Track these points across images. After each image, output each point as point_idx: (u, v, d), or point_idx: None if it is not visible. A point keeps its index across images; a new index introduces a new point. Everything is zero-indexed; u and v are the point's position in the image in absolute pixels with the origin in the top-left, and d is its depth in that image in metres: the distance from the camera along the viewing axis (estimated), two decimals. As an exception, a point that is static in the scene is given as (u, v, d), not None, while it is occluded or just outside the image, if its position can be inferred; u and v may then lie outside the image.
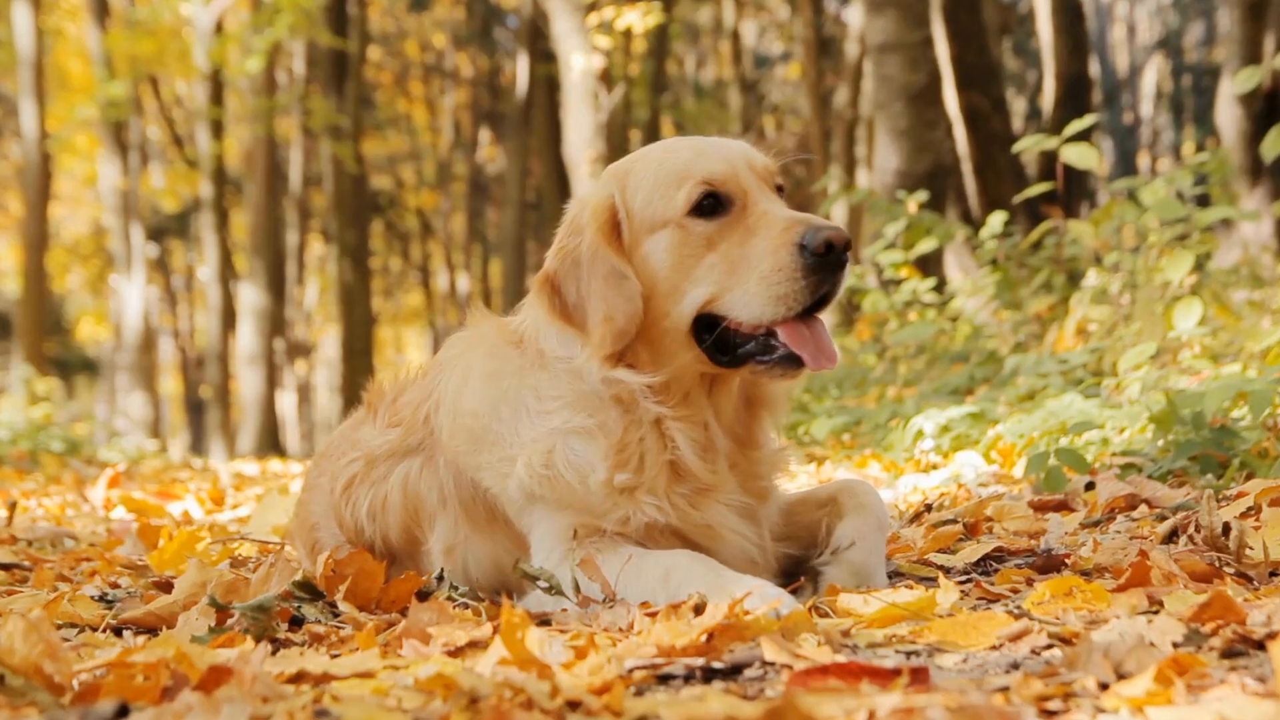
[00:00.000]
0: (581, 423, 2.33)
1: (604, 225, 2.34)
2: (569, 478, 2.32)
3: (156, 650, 1.66)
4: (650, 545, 2.33)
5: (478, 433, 2.42)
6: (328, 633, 2.14)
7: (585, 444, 2.32)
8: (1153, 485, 3.49)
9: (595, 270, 2.31)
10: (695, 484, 2.35)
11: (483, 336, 2.53)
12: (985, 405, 5.92)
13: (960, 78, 11.46)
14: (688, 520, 2.34)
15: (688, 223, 2.30)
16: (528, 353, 2.42)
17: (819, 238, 2.21)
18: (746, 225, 2.28)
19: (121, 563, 3.47)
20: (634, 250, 2.34)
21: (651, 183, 2.34)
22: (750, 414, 2.47)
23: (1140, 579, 2.16)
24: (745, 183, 2.32)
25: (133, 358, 24.49)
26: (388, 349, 40.49)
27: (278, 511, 4.28)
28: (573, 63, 14.02)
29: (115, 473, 7.33)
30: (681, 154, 2.37)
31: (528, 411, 2.38)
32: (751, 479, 2.44)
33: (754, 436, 2.47)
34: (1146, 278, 5.82)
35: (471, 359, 2.50)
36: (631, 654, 1.73)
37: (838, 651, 1.77)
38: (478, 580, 2.52)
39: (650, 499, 2.31)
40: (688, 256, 2.29)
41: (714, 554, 2.31)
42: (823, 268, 2.21)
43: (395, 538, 2.63)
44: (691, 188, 2.29)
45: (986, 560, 2.76)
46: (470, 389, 2.46)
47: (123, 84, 21.30)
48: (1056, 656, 1.71)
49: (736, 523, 2.38)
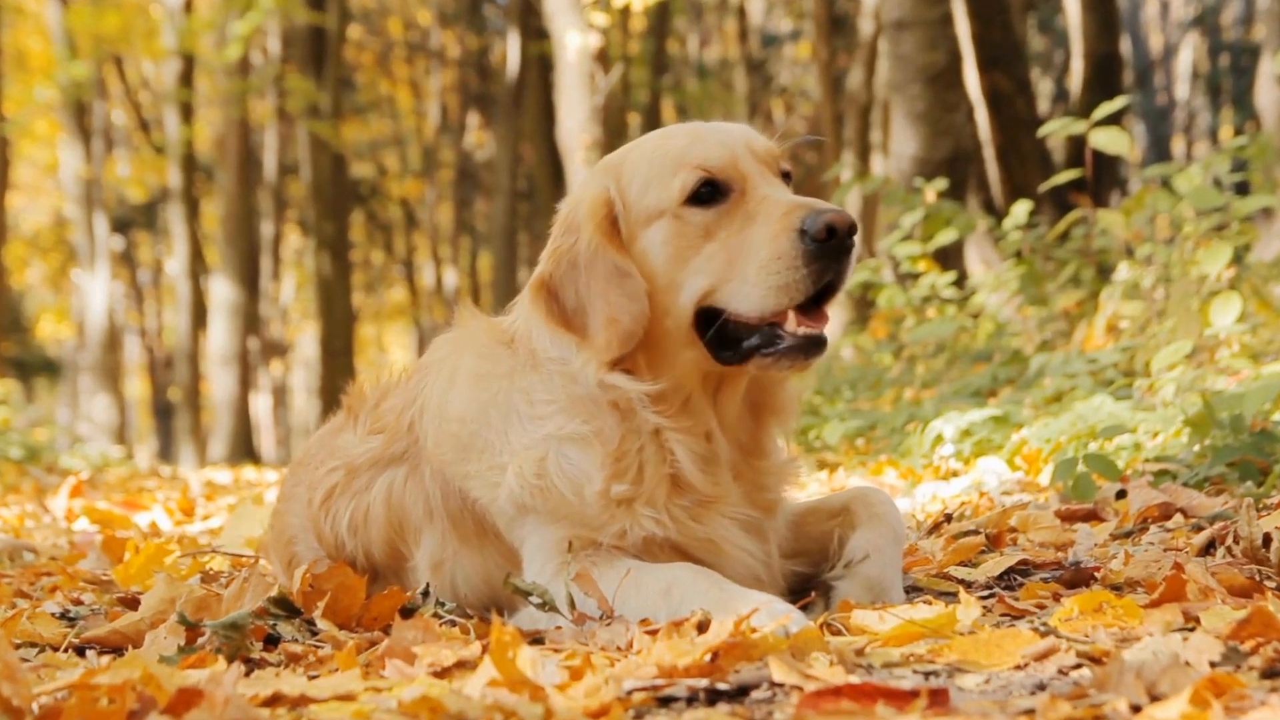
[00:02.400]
0: (576, 429, 2.33)
1: (601, 221, 2.34)
2: (563, 488, 2.32)
3: (122, 671, 1.66)
4: (649, 560, 2.33)
5: (465, 440, 2.42)
6: (305, 652, 2.14)
7: (580, 452, 2.32)
8: (1188, 493, 3.49)
9: (595, 270, 2.31)
10: (696, 496, 2.35)
11: (471, 337, 2.53)
12: (1009, 408, 5.92)
13: (982, 57, 11.45)
14: (689, 534, 2.34)
15: (684, 212, 2.30)
16: (519, 354, 2.42)
17: (819, 222, 2.20)
18: (745, 212, 2.28)
19: (84, 577, 3.46)
20: (632, 245, 2.34)
21: (646, 171, 2.35)
22: (757, 421, 2.47)
23: (1175, 594, 2.16)
24: (745, 168, 2.32)
25: (96, 358, 24.48)
26: (369, 348, 40.50)
27: (252, 523, 4.29)
28: (567, 41, 14.02)
29: (78, 481, 7.33)
30: (677, 140, 2.37)
31: (519, 416, 2.37)
32: (758, 490, 2.44)
33: (760, 445, 2.47)
34: (1182, 271, 5.82)
35: (459, 361, 2.50)
36: (630, 675, 1.73)
37: (851, 672, 1.77)
38: (467, 597, 2.52)
39: (649, 511, 2.31)
40: (685, 248, 2.29)
41: (717, 569, 2.31)
42: (826, 254, 2.21)
43: (378, 553, 2.63)
44: (687, 175, 2.30)
45: (1010, 574, 2.77)
46: (457, 392, 2.46)
47: (85, 64, 21.31)
48: (1085, 677, 1.71)
49: (740, 537, 2.38)
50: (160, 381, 36.08)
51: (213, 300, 23.36)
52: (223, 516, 5.91)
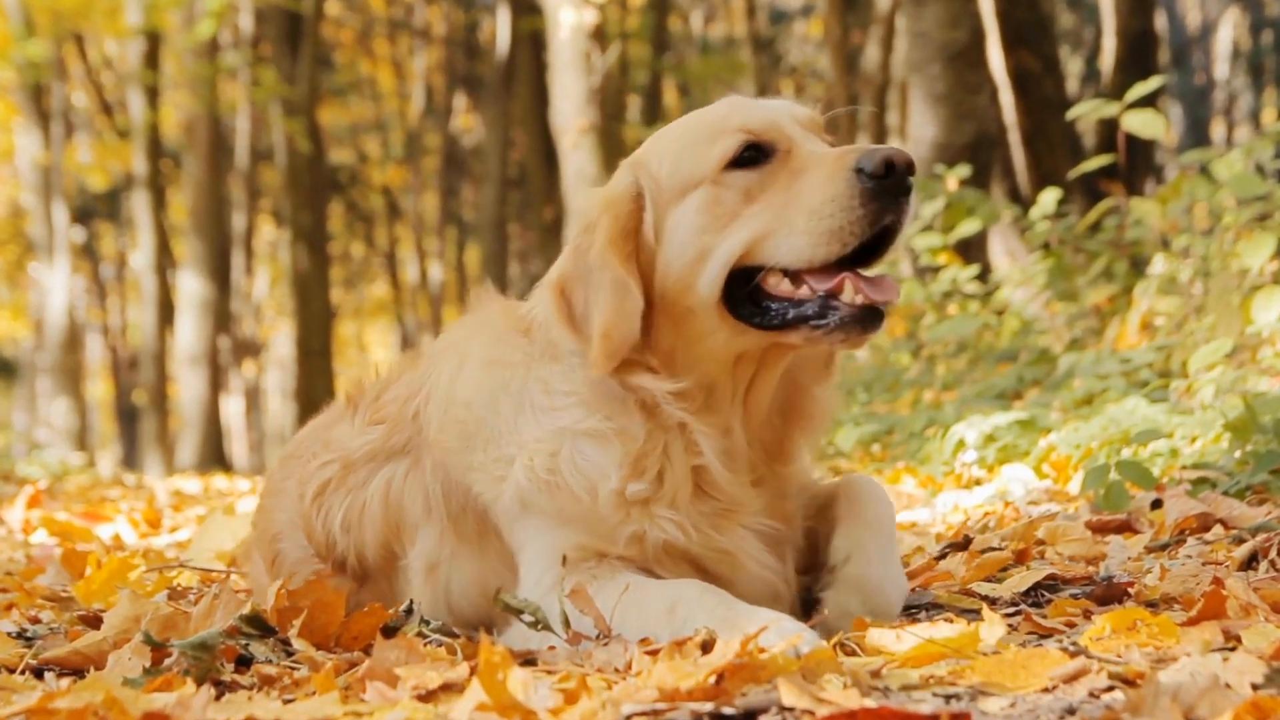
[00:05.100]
0: (596, 424, 2.33)
1: (614, 228, 2.34)
2: (575, 486, 2.31)
3: (84, 694, 1.66)
4: (661, 572, 2.33)
5: (471, 428, 2.42)
6: (280, 674, 2.14)
7: (598, 449, 2.32)
8: (1228, 503, 3.49)
9: (601, 280, 2.32)
10: (718, 503, 2.34)
11: (487, 321, 2.54)
12: (1036, 411, 5.93)
13: (1007, 34, 11.46)
14: (707, 544, 2.34)
15: (724, 177, 2.32)
16: (537, 342, 2.43)
17: (877, 157, 2.22)
18: (792, 169, 2.30)
19: (43, 594, 3.47)
20: (660, 228, 2.35)
21: (678, 148, 2.38)
22: (785, 423, 2.47)
23: (1214, 611, 2.16)
24: (789, 130, 2.35)
25: (56, 358, 24.48)
26: (349, 348, 40.51)
27: (222, 535, 4.29)
28: (561, 18, 14.02)
29: (36, 491, 7.34)
30: (713, 111, 2.42)
31: (533, 407, 2.38)
32: (779, 498, 2.44)
33: (785, 450, 2.47)
34: (1221, 264, 5.82)
35: (471, 345, 2.51)
36: (629, 698, 1.73)
37: (866, 695, 1.78)
38: (461, 607, 2.52)
39: (668, 513, 2.31)
40: (722, 215, 2.30)
41: (732, 584, 2.31)
42: (884, 193, 2.23)
43: (372, 554, 2.63)
44: (728, 140, 2.32)
45: (1038, 589, 2.77)
46: (466, 377, 2.46)
47: (43, 42, 21.29)
48: (1118, 700, 1.71)
49: (759, 551, 2.38)
50: (124, 383, 36.09)
51: (180, 296, 23.34)
52: (191, 528, 5.91)
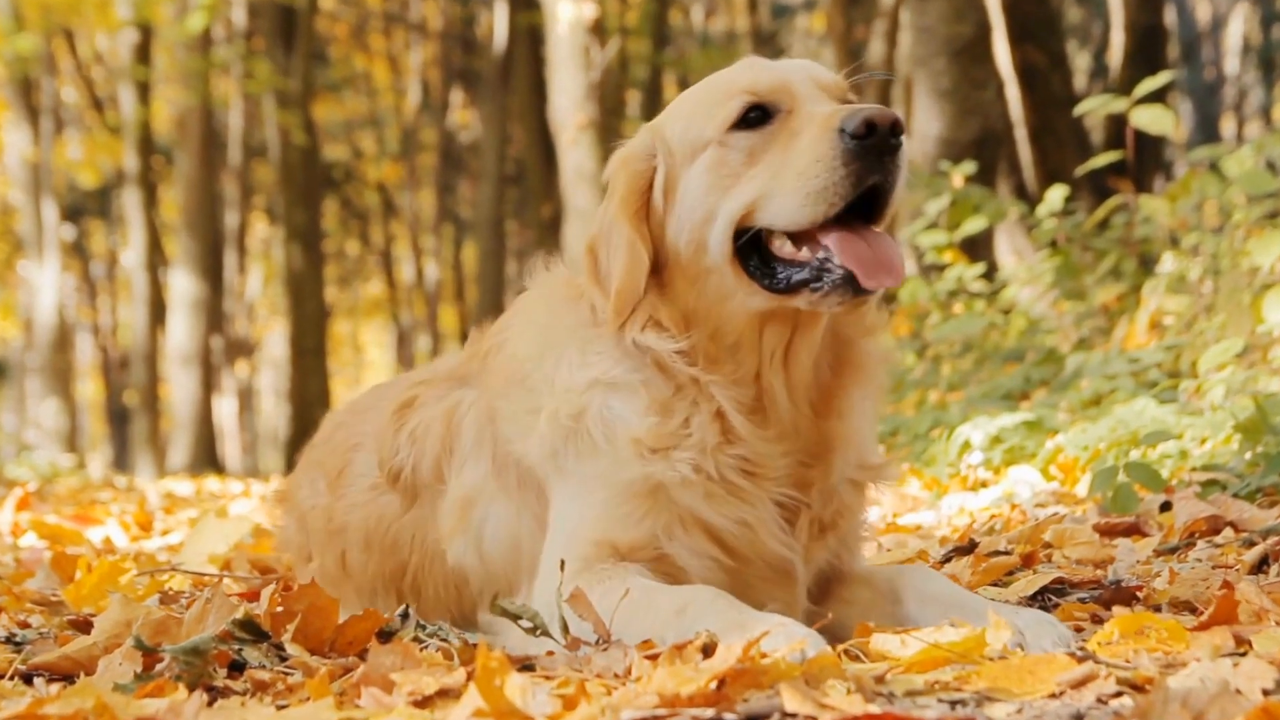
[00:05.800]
0: (623, 375, 2.44)
1: (627, 187, 2.46)
2: (596, 434, 2.42)
3: (74, 700, 1.66)
4: (680, 551, 2.39)
5: (515, 375, 2.58)
6: (273, 679, 2.14)
7: (623, 399, 2.43)
8: (1239, 505, 3.49)
9: (614, 239, 2.47)
10: (743, 458, 2.39)
11: (551, 290, 2.69)
12: (1043, 412, 5.93)
13: (1014, 29, 11.45)
14: (729, 514, 2.38)
15: (729, 138, 2.39)
16: (582, 309, 2.56)
17: (858, 118, 2.27)
18: (791, 129, 2.36)
19: (32, 598, 3.47)
20: (672, 189, 2.45)
21: (691, 110, 2.47)
22: (836, 377, 2.51)
23: (1225, 615, 2.16)
24: (797, 90, 2.40)
25: (45, 358, 24.49)
26: (343, 347, 40.55)
27: (215, 538, 4.28)
28: (559, 12, 14.02)
29: (25, 493, 7.34)
30: (727, 73, 2.51)
31: (569, 363, 2.51)
32: (813, 457, 2.44)
33: (834, 405, 2.49)
34: (1231, 262, 5.82)
35: (534, 311, 2.68)
36: (629, 704, 1.73)
37: (871, 700, 1.78)
38: (491, 554, 2.62)
39: (688, 455, 2.37)
40: (727, 175, 2.38)
41: (750, 562, 2.38)
42: (867, 153, 2.26)
43: (425, 469, 2.76)
44: (733, 102, 2.40)
45: (1045, 593, 2.77)
46: (523, 335, 2.63)
47: (33, 37, 21.29)
48: (1127, 706, 1.71)
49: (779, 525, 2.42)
50: (115, 384, 36.08)
51: (172, 295, 23.35)
52: (183, 531, 5.91)
